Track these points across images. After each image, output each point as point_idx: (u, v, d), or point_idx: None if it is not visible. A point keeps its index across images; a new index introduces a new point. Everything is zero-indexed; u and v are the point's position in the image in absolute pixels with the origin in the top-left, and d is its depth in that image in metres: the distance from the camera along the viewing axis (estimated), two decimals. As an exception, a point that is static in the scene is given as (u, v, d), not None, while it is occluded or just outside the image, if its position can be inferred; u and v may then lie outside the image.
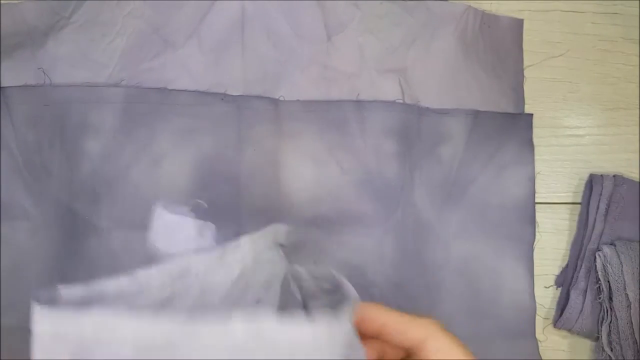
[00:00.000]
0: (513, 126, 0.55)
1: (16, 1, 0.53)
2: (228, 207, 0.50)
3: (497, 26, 0.56)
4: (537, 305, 0.53)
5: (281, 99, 0.53)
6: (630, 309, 0.50)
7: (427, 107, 0.54)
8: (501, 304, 0.52)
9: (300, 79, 0.54)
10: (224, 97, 0.52)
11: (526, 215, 0.54)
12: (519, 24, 0.56)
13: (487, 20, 0.56)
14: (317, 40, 0.54)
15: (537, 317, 0.53)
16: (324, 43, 0.54)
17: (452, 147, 0.54)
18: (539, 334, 0.53)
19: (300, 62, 0.54)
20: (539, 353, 0.52)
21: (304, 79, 0.54)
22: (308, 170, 0.53)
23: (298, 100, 0.53)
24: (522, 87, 0.56)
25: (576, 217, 0.55)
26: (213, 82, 0.52)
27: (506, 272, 0.53)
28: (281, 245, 0.43)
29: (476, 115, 0.54)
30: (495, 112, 0.55)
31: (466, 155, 0.54)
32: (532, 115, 0.55)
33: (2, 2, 0.53)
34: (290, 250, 0.44)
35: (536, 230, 0.54)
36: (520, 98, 0.55)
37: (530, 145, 0.55)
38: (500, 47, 0.56)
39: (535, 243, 0.54)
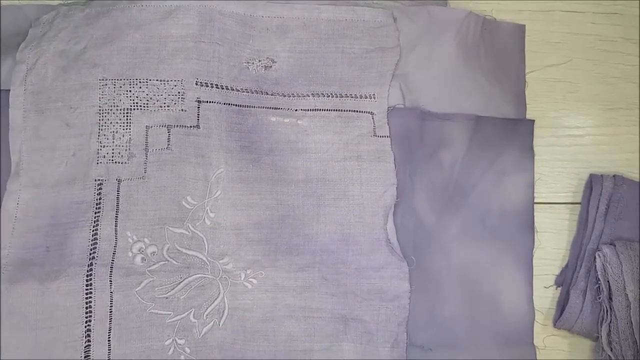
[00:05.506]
0: (514, 132, 0.54)
1: (17, 1, 0.53)
2: None
3: (499, 32, 0.56)
4: (537, 310, 0.53)
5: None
6: (630, 309, 0.50)
7: (429, 112, 0.54)
8: (500, 310, 0.52)
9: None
10: None
11: (526, 221, 0.54)
12: (521, 29, 0.56)
13: (488, 26, 0.55)
14: None
15: (538, 325, 0.53)
16: None
17: (452, 152, 0.54)
18: (538, 344, 0.53)
19: None
20: None
21: None
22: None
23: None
24: (524, 93, 0.56)
25: (576, 217, 0.55)
26: None
27: (505, 278, 0.53)
28: None
29: (477, 120, 0.54)
30: (497, 118, 0.55)
31: (467, 161, 0.54)
32: (533, 121, 0.55)
33: (2, 2, 0.53)
34: None
35: (536, 230, 0.54)
36: (521, 103, 0.55)
37: (530, 151, 0.55)
38: (501, 52, 0.56)
39: (534, 249, 0.54)
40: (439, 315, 0.52)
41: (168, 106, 0.51)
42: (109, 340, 0.48)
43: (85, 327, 0.48)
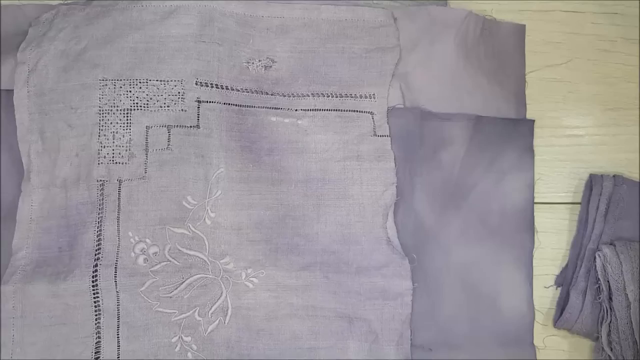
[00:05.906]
0: (514, 132, 0.55)
1: (17, 1, 0.53)
2: None
3: (499, 32, 0.56)
4: (537, 310, 0.53)
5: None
6: (630, 308, 0.50)
7: (429, 112, 0.54)
8: (500, 310, 0.53)
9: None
10: None
11: (526, 221, 0.54)
12: (521, 30, 0.56)
13: (488, 26, 0.55)
14: None
15: (538, 325, 0.53)
16: None
17: (452, 152, 0.54)
18: (538, 344, 0.53)
19: None
20: None
21: None
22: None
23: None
24: (524, 93, 0.56)
25: (576, 217, 0.55)
26: None
27: (505, 278, 0.53)
28: None
29: (477, 120, 0.54)
30: (497, 118, 0.55)
31: (467, 161, 0.54)
32: (533, 121, 0.55)
33: (2, 2, 0.53)
34: None
35: (536, 230, 0.54)
36: (521, 103, 0.55)
37: (530, 151, 0.55)
38: (501, 52, 0.56)
39: (534, 249, 0.54)
40: (439, 315, 0.52)
41: (168, 106, 0.51)
42: (117, 337, 0.49)
43: (95, 324, 0.49)
